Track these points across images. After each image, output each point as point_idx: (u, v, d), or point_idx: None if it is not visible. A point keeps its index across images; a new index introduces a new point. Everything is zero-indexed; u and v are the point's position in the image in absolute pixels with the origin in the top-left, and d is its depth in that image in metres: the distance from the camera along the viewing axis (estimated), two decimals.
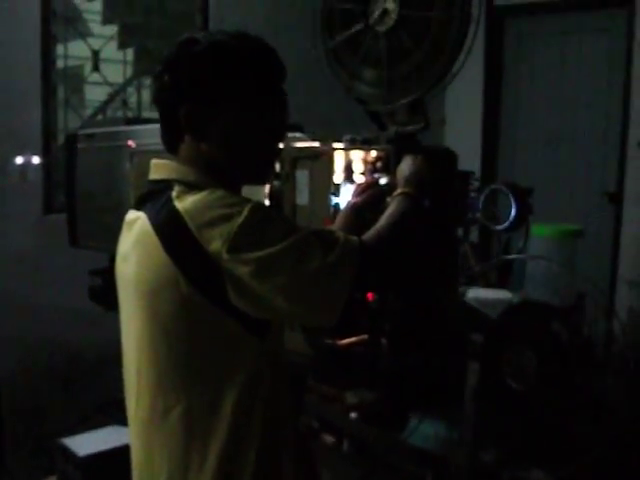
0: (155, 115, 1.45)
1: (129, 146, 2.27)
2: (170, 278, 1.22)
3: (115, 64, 4.39)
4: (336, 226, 1.74)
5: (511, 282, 2.66)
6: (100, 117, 4.20)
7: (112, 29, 4.44)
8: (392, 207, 1.50)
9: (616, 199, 4.55)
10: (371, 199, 1.77)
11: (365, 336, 1.93)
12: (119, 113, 4.35)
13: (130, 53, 4.56)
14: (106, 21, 4.50)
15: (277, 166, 1.94)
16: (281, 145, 1.48)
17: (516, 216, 1.71)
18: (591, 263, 4.18)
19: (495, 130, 5.17)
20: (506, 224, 1.73)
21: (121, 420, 1.54)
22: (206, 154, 1.34)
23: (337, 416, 2.07)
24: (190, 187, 1.29)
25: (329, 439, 2.11)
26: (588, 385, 1.63)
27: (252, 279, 1.19)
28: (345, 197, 1.88)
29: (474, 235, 2.16)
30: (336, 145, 1.91)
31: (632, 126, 4.41)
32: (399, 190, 1.56)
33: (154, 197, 1.33)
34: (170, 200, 1.26)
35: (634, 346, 3.02)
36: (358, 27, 1.87)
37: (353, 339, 1.94)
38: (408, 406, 2.46)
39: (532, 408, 1.62)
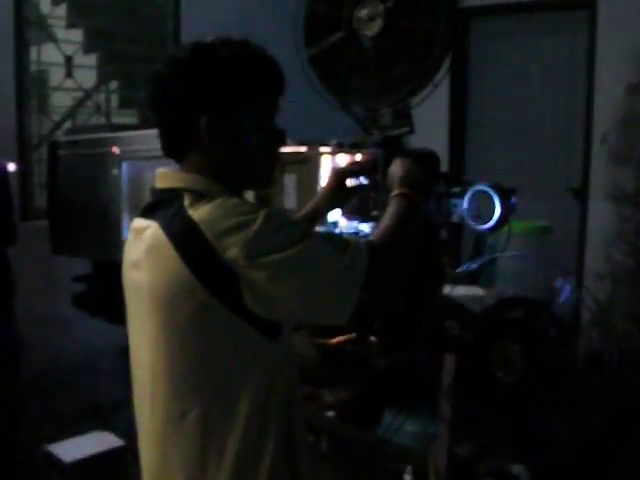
0: (125, 120, 1.45)
1: (114, 153, 2.28)
2: (186, 286, 1.25)
3: (78, 69, 4.38)
4: (320, 192, 1.81)
5: (482, 279, 2.73)
6: (69, 123, 4.18)
7: (76, 34, 4.43)
8: (392, 208, 1.53)
9: (581, 195, 4.66)
10: (354, 167, 1.83)
11: (353, 334, 1.98)
12: (86, 118, 4.33)
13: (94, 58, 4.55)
14: (70, 25, 4.48)
15: None
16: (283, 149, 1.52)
17: (500, 216, 1.77)
18: (558, 257, 4.29)
19: (461, 129, 5.25)
20: (491, 224, 1.78)
21: (105, 425, 1.56)
22: (218, 162, 1.36)
23: (314, 415, 2.11)
24: (200, 195, 1.31)
25: (305, 435, 2.15)
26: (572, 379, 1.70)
27: (268, 283, 1.23)
28: None
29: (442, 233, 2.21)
30: (323, 149, 1.95)
31: (595, 123, 4.53)
32: (396, 191, 1.58)
33: (163, 206, 1.34)
34: (183, 209, 1.28)
35: (602, 338, 3.11)
36: (342, 33, 1.90)
37: (343, 337, 1.99)
38: (383, 403, 2.50)
39: (520, 400, 1.67)
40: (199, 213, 1.27)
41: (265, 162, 1.44)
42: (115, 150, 2.28)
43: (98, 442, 2.74)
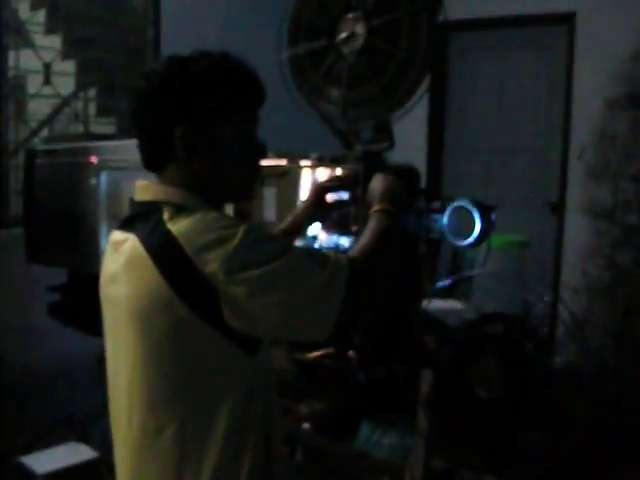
0: (103, 129, 1.45)
1: (92, 162, 2.26)
2: (165, 300, 1.24)
3: (57, 76, 4.34)
4: (300, 207, 1.80)
5: (459, 292, 2.74)
6: (46, 130, 4.14)
7: (54, 40, 4.39)
8: (373, 224, 1.53)
9: (558, 209, 4.69)
10: (335, 182, 1.83)
11: (331, 349, 1.98)
12: (63, 126, 4.29)
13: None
14: (49, 32, 4.45)
15: None
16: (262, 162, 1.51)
17: (481, 232, 1.77)
18: (536, 271, 4.32)
19: (439, 144, 5.26)
20: (471, 240, 1.79)
21: (80, 436, 1.55)
22: (196, 175, 1.36)
23: (290, 426, 2.10)
24: (179, 209, 1.30)
25: (283, 449, 2.14)
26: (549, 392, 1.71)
27: (248, 298, 1.22)
28: None
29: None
30: (303, 163, 1.95)
31: (573, 138, 4.57)
32: (376, 207, 1.58)
33: (142, 219, 1.33)
34: (162, 222, 1.28)
35: (578, 352, 3.13)
36: (323, 42, 1.90)
37: (321, 352, 1.98)
38: (359, 415, 2.49)
39: (499, 415, 1.68)
40: (178, 227, 1.26)
41: (245, 175, 1.43)
42: (93, 160, 2.25)
43: (72, 453, 2.71)
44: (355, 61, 1.86)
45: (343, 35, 1.87)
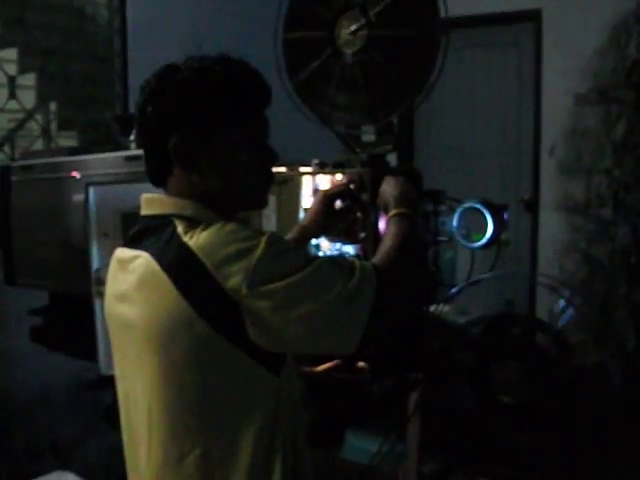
0: (65, 143, 1.40)
1: (74, 177, 2.16)
2: (184, 319, 1.17)
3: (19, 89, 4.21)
4: (307, 215, 1.74)
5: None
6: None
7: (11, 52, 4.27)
8: (393, 229, 1.46)
9: (532, 207, 4.70)
10: (341, 189, 1.76)
11: (339, 361, 1.91)
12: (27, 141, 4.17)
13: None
14: (5, 44, 4.33)
15: None
16: (274, 169, 1.44)
17: (493, 233, 1.73)
18: (514, 270, 4.31)
19: (409, 145, 5.24)
20: (483, 241, 1.74)
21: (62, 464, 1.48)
22: (199, 185, 1.30)
23: None
24: (192, 222, 1.24)
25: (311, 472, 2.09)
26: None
27: (273, 312, 1.16)
28: None
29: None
30: (303, 169, 1.88)
31: (544, 135, 4.58)
32: (394, 211, 1.52)
33: (151, 234, 1.27)
34: (177, 237, 1.21)
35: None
36: (326, 53, 1.84)
37: (329, 364, 1.92)
38: (344, 424, 2.44)
39: (524, 420, 1.63)
40: (196, 240, 1.18)
41: (256, 183, 1.36)
42: (75, 174, 2.15)
43: None
44: (350, 62, 1.80)
45: (345, 29, 1.80)
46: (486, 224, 1.73)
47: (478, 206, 1.73)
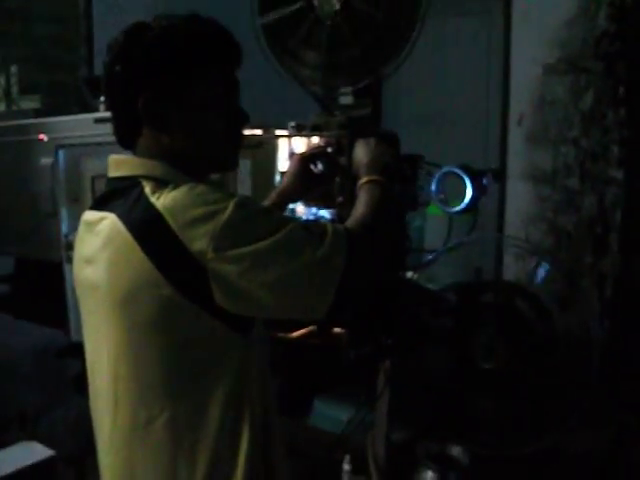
0: (27, 106, 1.36)
1: (41, 140, 2.09)
2: (150, 281, 1.16)
3: None
4: (284, 179, 1.72)
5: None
6: None
7: None
8: (364, 196, 1.45)
9: (500, 176, 4.71)
10: (318, 152, 1.75)
11: (314, 327, 1.90)
12: None
13: None
14: None
15: None
16: (249, 131, 1.42)
17: (472, 198, 1.72)
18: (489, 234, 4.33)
19: (377, 115, 5.21)
20: (462, 206, 1.74)
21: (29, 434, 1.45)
22: (169, 146, 1.28)
23: None
24: (161, 183, 1.21)
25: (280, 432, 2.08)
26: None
27: (240, 277, 1.15)
28: None
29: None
30: (279, 132, 1.85)
31: (512, 105, 4.58)
32: (365, 178, 1.51)
33: (119, 195, 1.24)
34: (144, 197, 1.19)
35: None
36: (300, 4, 1.79)
37: (303, 331, 1.90)
38: (313, 392, 2.44)
39: (504, 386, 1.63)
40: (163, 201, 1.17)
41: (225, 145, 1.34)
42: (42, 137, 2.08)
43: (27, 453, 2.59)
44: (333, 23, 1.76)
45: None
46: (465, 189, 1.72)
47: (457, 171, 1.72)
